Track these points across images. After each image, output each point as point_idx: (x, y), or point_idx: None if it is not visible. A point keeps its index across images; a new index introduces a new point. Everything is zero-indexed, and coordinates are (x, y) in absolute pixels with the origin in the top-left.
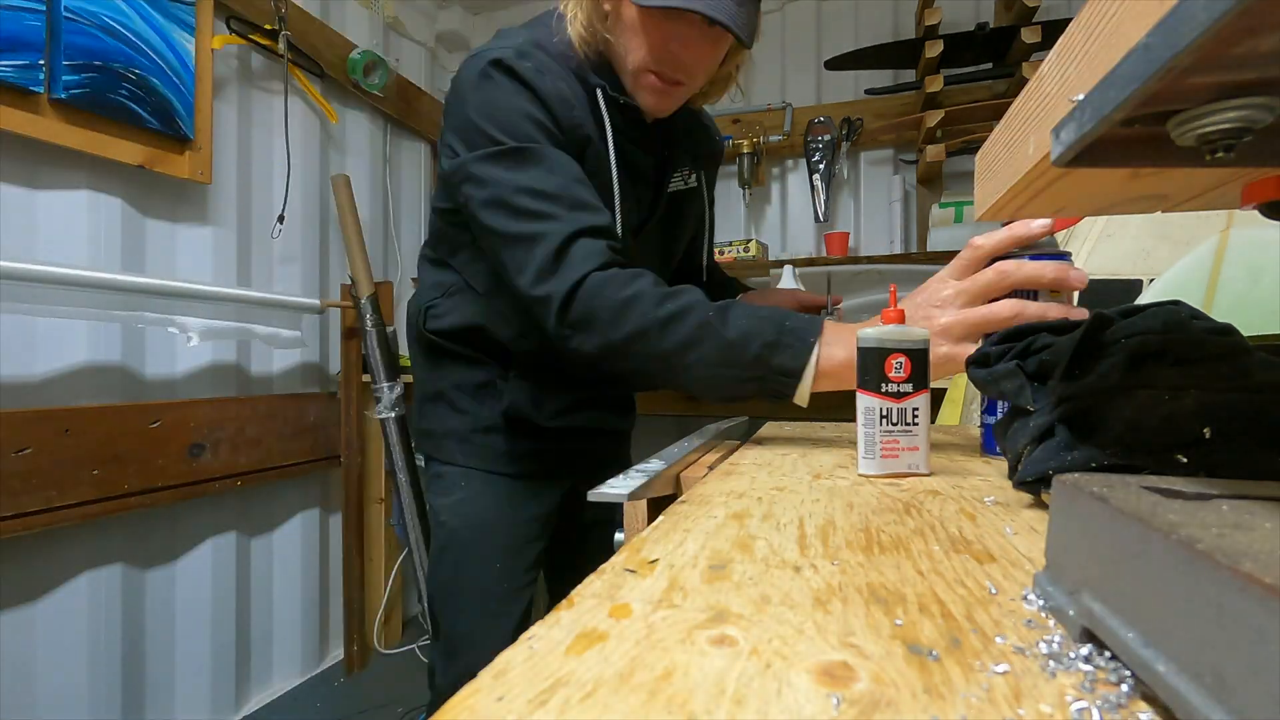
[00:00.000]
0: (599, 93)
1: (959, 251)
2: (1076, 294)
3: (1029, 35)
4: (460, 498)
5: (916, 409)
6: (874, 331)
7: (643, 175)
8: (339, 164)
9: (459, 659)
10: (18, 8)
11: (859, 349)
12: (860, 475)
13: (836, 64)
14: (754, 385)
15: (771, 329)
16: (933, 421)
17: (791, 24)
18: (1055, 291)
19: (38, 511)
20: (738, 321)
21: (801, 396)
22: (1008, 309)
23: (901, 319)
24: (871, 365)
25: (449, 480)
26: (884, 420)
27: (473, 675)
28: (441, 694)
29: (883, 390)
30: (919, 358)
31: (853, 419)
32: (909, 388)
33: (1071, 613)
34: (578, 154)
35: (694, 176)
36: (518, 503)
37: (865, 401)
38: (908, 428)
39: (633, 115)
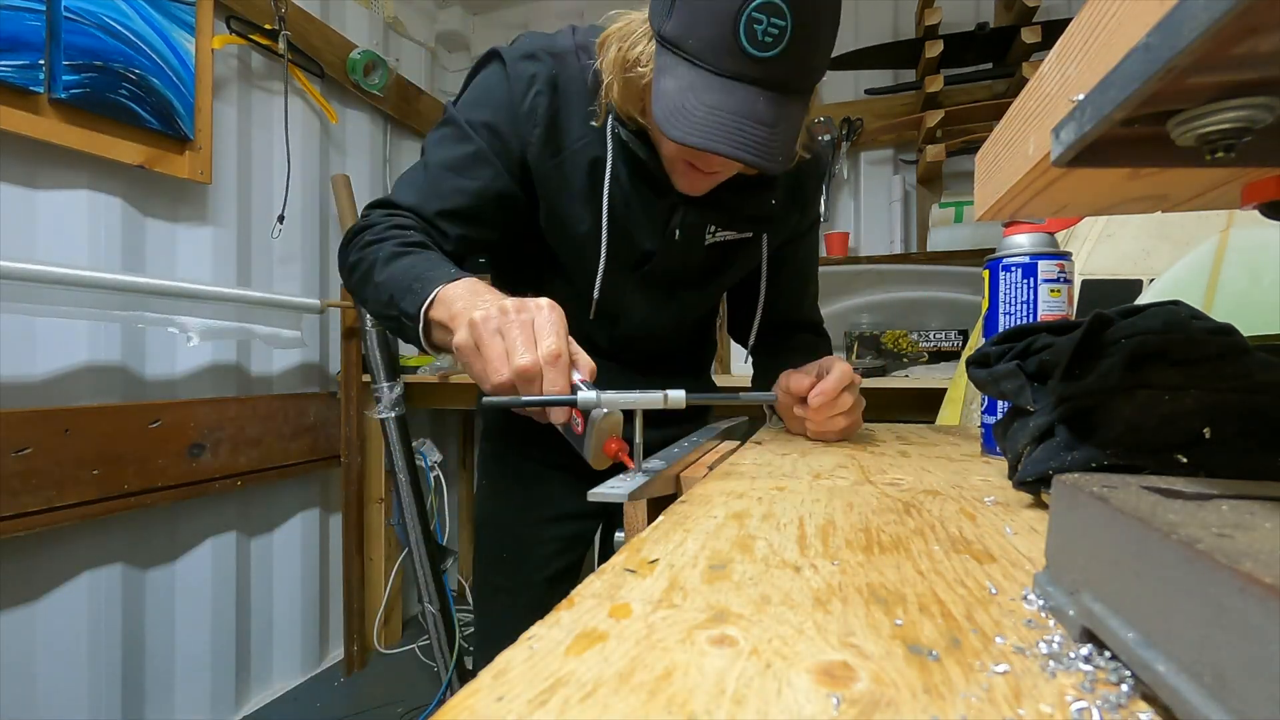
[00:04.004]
0: (609, 125)
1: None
2: (1077, 294)
3: (1029, 35)
4: (480, 499)
5: None
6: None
7: (647, 212)
8: (339, 164)
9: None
10: (18, 8)
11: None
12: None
13: (836, 64)
14: (395, 325)
15: (415, 275)
16: (933, 422)
17: None
18: (1055, 292)
19: (38, 511)
20: (399, 263)
21: (426, 342)
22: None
23: None
24: None
25: (478, 474)
26: None
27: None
28: None
29: None
30: None
31: None
32: None
33: (1071, 613)
34: (519, 173)
35: (732, 233)
36: (530, 504)
37: None
38: None
39: (638, 156)
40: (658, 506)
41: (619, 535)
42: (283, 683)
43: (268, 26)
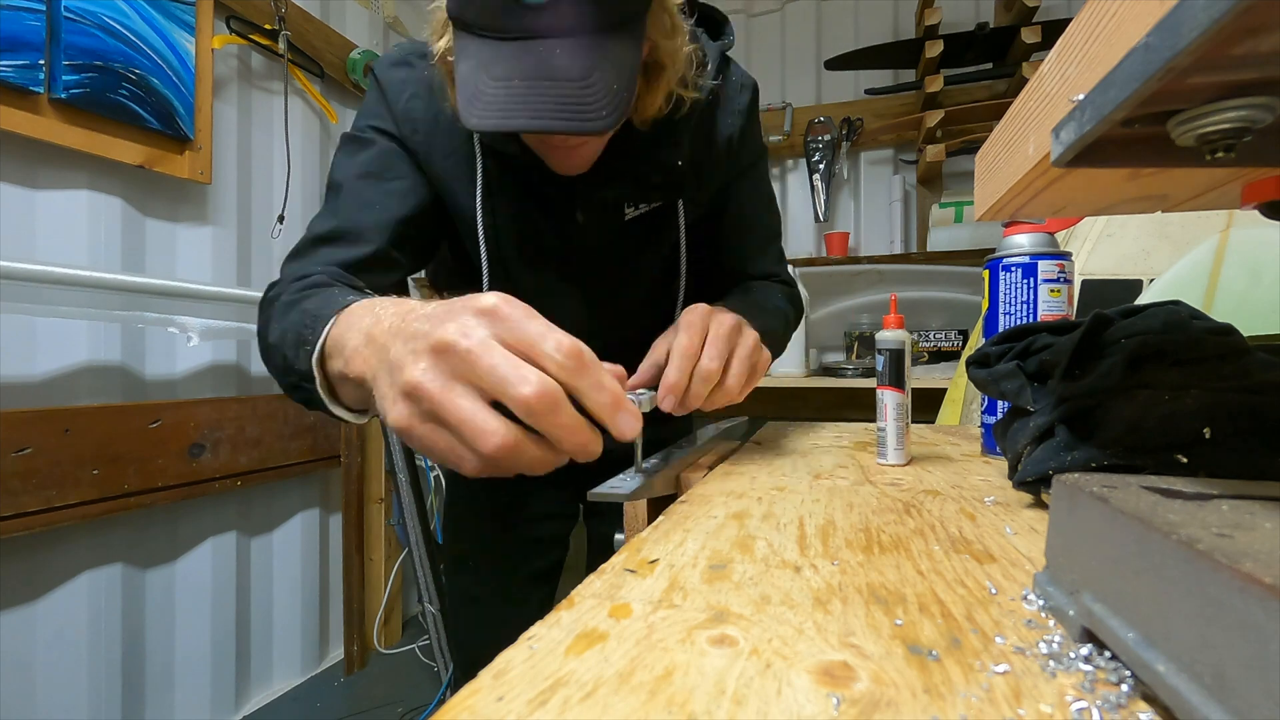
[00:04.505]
0: (475, 138)
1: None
2: (1077, 294)
3: (1029, 35)
4: (449, 503)
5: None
6: (893, 334)
7: (545, 204)
8: None
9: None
10: (18, 8)
11: (883, 350)
12: (886, 465)
13: (836, 64)
14: (305, 398)
15: (300, 325)
16: (933, 422)
17: (791, 24)
18: (1055, 292)
19: (38, 511)
20: (288, 318)
21: (340, 409)
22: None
23: (901, 325)
24: (897, 364)
25: (446, 482)
26: (906, 413)
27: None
28: None
29: (904, 387)
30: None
31: (852, 419)
32: (907, 385)
33: (1071, 613)
34: (420, 172)
35: (646, 205)
36: (501, 516)
37: (897, 398)
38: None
39: (513, 154)
40: (658, 506)
41: (619, 535)
42: (283, 683)
43: (268, 26)
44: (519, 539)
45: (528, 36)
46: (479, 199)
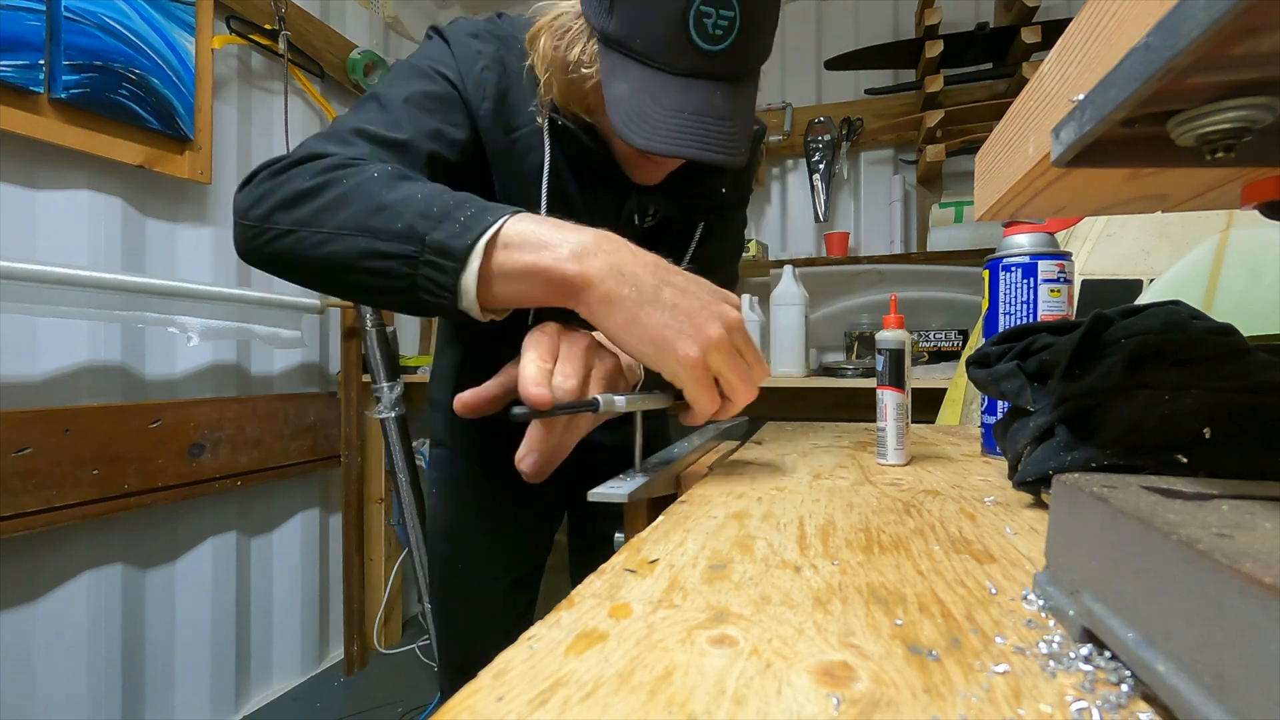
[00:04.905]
0: (547, 122)
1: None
2: (1077, 294)
3: (1029, 35)
4: (430, 507)
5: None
6: (893, 334)
7: (599, 203)
8: None
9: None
10: (18, 8)
11: (883, 350)
12: (886, 465)
13: (836, 64)
14: (394, 269)
15: (451, 199)
16: (933, 422)
17: (791, 24)
18: (1055, 292)
19: (38, 511)
20: (412, 186)
21: (467, 301)
22: None
23: (901, 325)
24: (897, 364)
25: (429, 480)
26: (906, 413)
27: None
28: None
29: (904, 387)
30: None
31: (853, 419)
32: (907, 385)
33: (1071, 613)
34: (476, 139)
35: (667, 217)
36: (488, 513)
37: (897, 398)
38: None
39: (587, 148)
40: (658, 506)
41: (619, 535)
42: (283, 683)
43: (268, 26)
44: (506, 540)
45: (692, 75)
46: (545, 181)
